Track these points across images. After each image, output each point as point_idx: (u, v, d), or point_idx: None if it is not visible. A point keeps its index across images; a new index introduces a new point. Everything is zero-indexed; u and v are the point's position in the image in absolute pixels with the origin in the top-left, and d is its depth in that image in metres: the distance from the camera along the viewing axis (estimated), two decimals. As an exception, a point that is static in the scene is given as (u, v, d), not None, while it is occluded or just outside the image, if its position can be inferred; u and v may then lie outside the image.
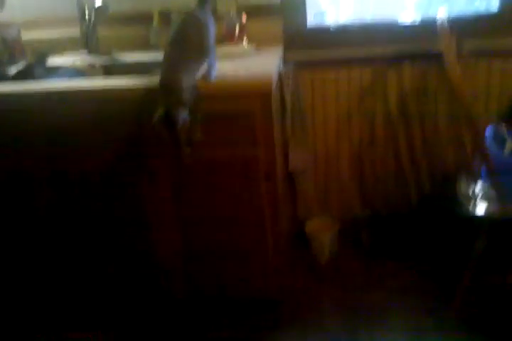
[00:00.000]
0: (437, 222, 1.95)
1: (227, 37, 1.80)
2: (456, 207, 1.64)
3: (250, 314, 1.72)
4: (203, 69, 1.42)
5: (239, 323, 1.71)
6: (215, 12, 1.60)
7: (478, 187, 1.64)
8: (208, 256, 1.64)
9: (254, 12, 1.82)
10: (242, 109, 1.46)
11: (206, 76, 1.45)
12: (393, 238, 2.04)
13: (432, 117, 1.93)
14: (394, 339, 1.60)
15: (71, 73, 1.74)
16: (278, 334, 1.66)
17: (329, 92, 1.94)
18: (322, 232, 1.96)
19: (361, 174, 2.06)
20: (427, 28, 1.79)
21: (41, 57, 1.76)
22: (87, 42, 1.85)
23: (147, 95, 1.44)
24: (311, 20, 1.91)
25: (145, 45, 1.87)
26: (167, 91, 1.34)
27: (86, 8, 1.82)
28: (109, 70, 1.80)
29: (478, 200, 1.60)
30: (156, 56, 1.71)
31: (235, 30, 1.80)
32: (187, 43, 1.36)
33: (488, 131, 1.69)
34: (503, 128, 1.68)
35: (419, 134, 1.95)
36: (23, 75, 1.68)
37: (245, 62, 1.63)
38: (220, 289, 1.70)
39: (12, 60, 1.77)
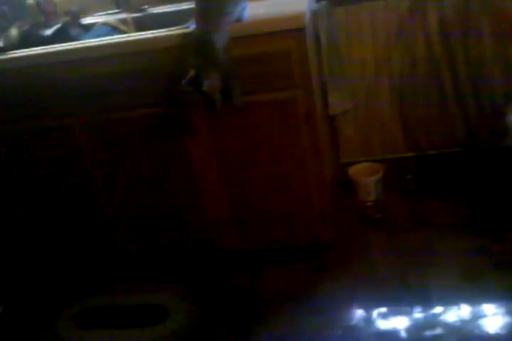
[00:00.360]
0: (486, 157, 1.88)
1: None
2: (506, 139, 1.57)
3: (299, 261, 1.74)
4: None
5: (288, 270, 1.72)
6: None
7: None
8: (254, 202, 1.66)
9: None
10: (277, 49, 1.44)
11: (238, 17, 1.43)
12: (440, 177, 1.98)
13: (476, 41, 1.82)
14: (445, 280, 1.56)
15: (105, 30, 1.75)
16: (327, 279, 1.66)
17: (365, 26, 1.87)
18: (366, 177, 1.94)
19: (403, 112, 1.99)
20: None
21: (74, 16, 1.78)
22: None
23: (181, 48, 1.43)
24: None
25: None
26: (200, 53, 1.31)
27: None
28: (141, 25, 1.79)
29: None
30: (187, 7, 1.71)
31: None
32: None
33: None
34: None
35: (462, 60, 1.84)
36: (58, 35, 1.70)
37: (275, 2, 1.60)
38: (268, 237, 1.71)
39: (47, 22, 1.80)
